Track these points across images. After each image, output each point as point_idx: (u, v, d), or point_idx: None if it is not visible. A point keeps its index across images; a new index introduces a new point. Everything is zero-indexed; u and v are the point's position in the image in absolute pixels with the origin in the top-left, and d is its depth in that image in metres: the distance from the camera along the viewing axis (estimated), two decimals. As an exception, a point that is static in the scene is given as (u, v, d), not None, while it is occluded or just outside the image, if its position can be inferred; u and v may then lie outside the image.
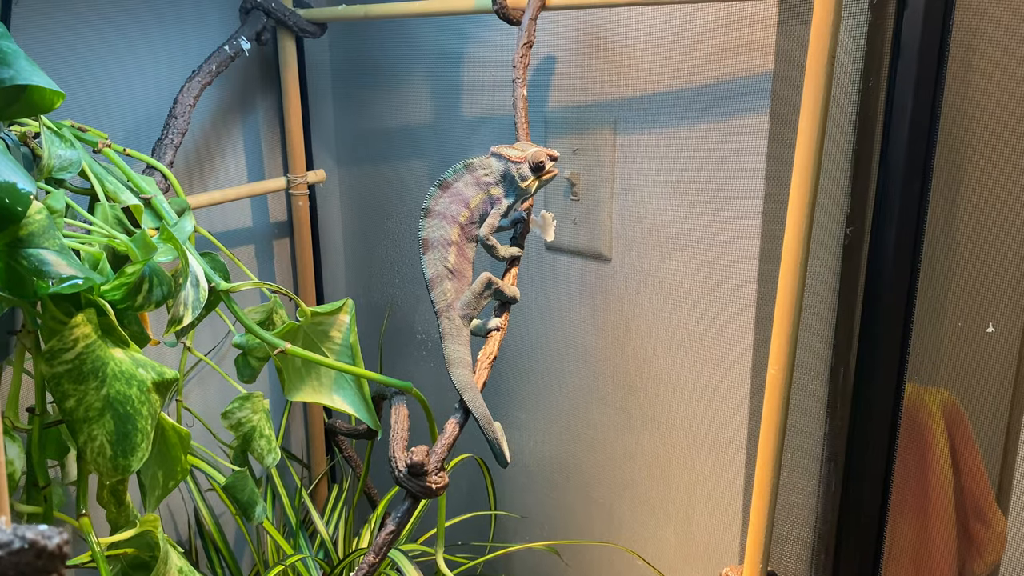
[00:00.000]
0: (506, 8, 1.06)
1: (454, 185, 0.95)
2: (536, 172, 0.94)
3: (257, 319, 1.04)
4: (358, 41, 1.45)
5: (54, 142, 0.79)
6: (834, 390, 1.15)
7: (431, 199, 0.95)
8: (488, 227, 0.95)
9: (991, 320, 1.14)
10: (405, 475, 0.81)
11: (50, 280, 0.64)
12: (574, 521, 1.35)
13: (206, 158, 1.34)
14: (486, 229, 0.95)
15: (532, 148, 0.95)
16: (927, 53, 0.96)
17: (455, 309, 0.94)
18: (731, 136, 1.04)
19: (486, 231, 0.95)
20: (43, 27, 1.10)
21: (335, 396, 0.93)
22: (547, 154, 0.95)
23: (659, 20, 1.07)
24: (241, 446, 1.04)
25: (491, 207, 0.96)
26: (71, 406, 0.68)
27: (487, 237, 0.95)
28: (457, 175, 0.95)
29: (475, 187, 0.95)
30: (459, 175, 0.95)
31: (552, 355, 1.31)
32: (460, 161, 0.95)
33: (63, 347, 0.67)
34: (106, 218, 0.82)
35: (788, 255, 0.91)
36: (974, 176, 1.12)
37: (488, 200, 0.96)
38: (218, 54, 1.21)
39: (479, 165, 0.95)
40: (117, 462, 0.71)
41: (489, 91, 1.29)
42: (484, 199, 0.95)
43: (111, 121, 1.19)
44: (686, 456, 1.18)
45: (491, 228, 0.95)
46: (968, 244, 1.15)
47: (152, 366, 0.73)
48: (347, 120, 1.51)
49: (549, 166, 0.95)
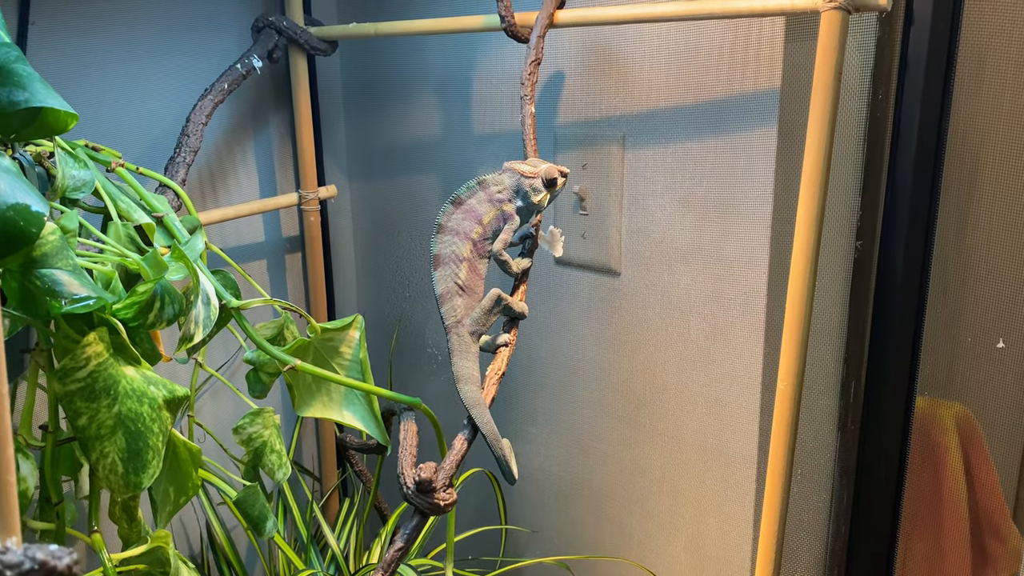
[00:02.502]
0: (514, 26, 1.07)
1: (467, 202, 0.95)
2: (549, 187, 0.96)
3: (268, 335, 1.05)
4: (369, 58, 1.46)
5: (68, 162, 0.80)
6: (845, 404, 1.14)
7: (444, 215, 0.95)
8: (501, 243, 0.96)
9: (1003, 335, 1.14)
10: (413, 492, 0.82)
11: (63, 300, 0.65)
12: (585, 536, 1.35)
13: (219, 174, 1.36)
14: (499, 244, 0.96)
15: (544, 164, 0.97)
16: (934, 68, 0.96)
17: (464, 325, 0.94)
18: (739, 151, 1.04)
19: (499, 246, 0.96)
20: (58, 47, 1.12)
21: (345, 412, 0.93)
22: (558, 170, 0.96)
23: (667, 36, 1.08)
24: (252, 461, 1.04)
25: (504, 223, 0.96)
26: (83, 423, 0.69)
27: (500, 252, 0.96)
28: (470, 192, 0.96)
29: (488, 204, 0.96)
30: (472, 192, 0.96)
31: (562, 369, 1.31)
32: (473, 178, 0.96)
33: (76, 365, 0.68)
34: (119, 237, 0.83)
35: (796, 269, 0.91)
36: (986, 190, 1.12)
37: (501, 216, 0.96)
38: (230, 72, 1.22)
39: (492, 182, 0.96)
40: (129, 479, 0.72)
41: (499, 107, 1.30)
42: (497, 215, 0.96)
43: (125, 140, 1.21)
44: (696, 471, 1.18)
45: (504, 244, 0.96)
46: (980, 257, 1.14)
47: (163, 384, 0.74)
48: (359, 136, 1.53)
49: (561, 181, 0.96)
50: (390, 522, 1.32)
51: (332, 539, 1.32)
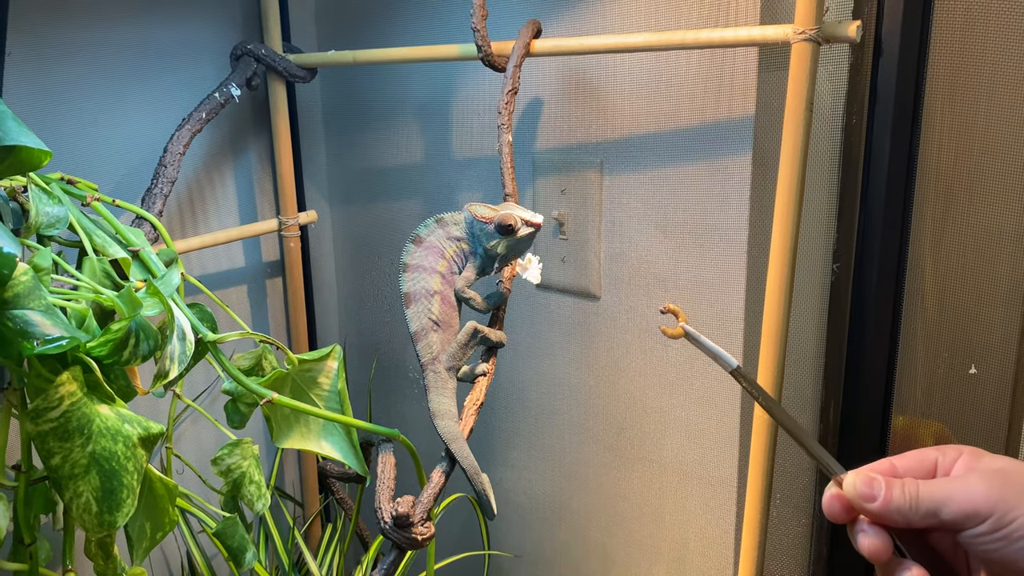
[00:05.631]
0: (491, 55, 1.07)
1: (427, 239, 0.95)
2: (504, 233, 0.91)
3: (246, 365, 1.04)
4: (349, 85, 1.47)
5: (42, 199, 0.80)
6: (824, 426, 1.15)
7: (407, 254, 0.95)
8: (464, 280, 0.95)
9: (975, 360, 1.15)
10: (391, 527, 0.81)
11: (35, 341, 0.65)
12: (568, 560, 1.35)
13: (199, 201, 1.35)
14: (461, 283, 0.95)
15: (508, 210, 0.92)
16: (903, 95, 0.97)
17: (441, 362, 0.94)
18: (715, 177, 1.05)
19: (461, 284, 0.95)
20: (33, 78, 1.12)
21: (323, 443, 0.93)
22: (522, 219, 0.91)
23: (643, 65, 1.09)
24: (231, 492, 1.04)
25: (465, 260, 0.96)
26: (57, 463, 0.69)
27: (463, 291, 0.95)
28: (428, 230, 0.96)
29: (447, 240, 0.96)
30: (430, 230, 0.96)
31: (543, 393, 1.32)
32: (431, 217, 0.96)
33: (48, 406, 0.67)
34: (94, 272, 0.83)
35: (773, 293, 0.92)
36: (959, 212, 1.13)
37: (461, 253, 0.96)
38: (208, 101, 1.22)
39: (450, 220, 0.96)
40: (103, 518, 0.71)
41: (478, 133, 1.31)
42: (457, 251, 0.96)
43: (102, 169, 1.20)
44: (677, 495, 1.18)
45: (467, 281, 0.95)
46: (956, 278, 1.16)
47: (138, 421, 0.74)
48: (339, 162, 1.53)
49: (523, 231, 0.91)
50: (372, 549, 1.31)
51: (314, 566, 1.31)
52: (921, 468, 0.60)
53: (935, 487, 0.57)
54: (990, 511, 0.54)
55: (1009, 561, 0.54)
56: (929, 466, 0.60)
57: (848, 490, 0.60)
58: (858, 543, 0.60)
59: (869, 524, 0.59)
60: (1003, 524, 0.54)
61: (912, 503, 0.57)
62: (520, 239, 0.92)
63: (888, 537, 0.59)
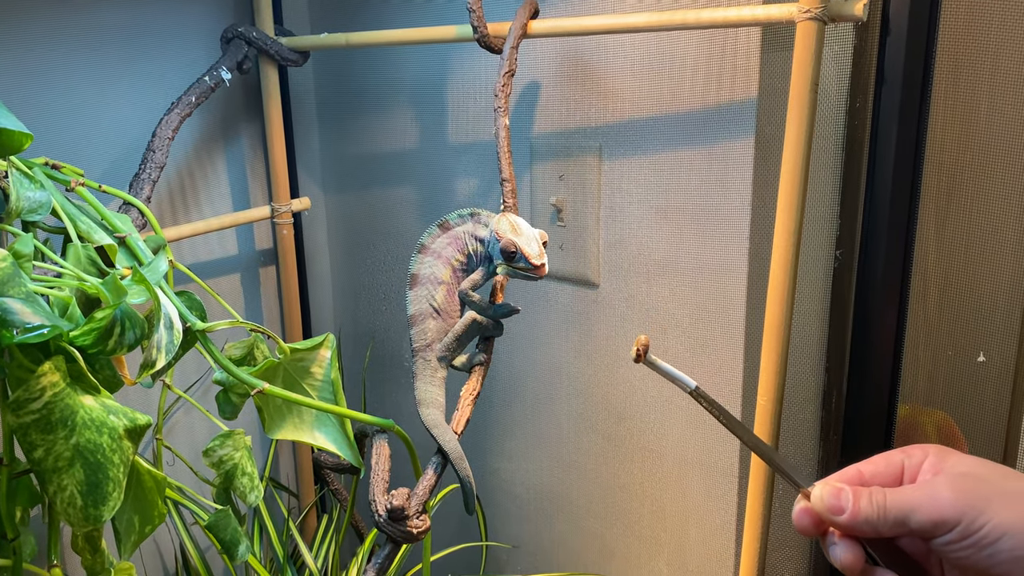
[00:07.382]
0: (487, 37, 1.05)
1: (454, 229, 0.93)
2: (505, 259, 0.87)
3: (238, 355, 1.02)
4: (342, 68, 1.44)
5: (23, 184, 0.78)
6: (827, 415, 1.13)
7: (429, 237, 0.93)
8: (470, 282, 0.92)
9: (983, 348, 1.13)
10: (385, 520, 0.79)
11: (15, 329, 0.62)
12: (566, 551, 1.33)
13: (190, 188, 1.33)
14: (467, 284, 0.92)
15: (523, 239, 0.86)
16: (911, 77, 0.95)
17: (433, 350, 0.92)
18: (717, 161, 1.03)
19: (467, 285, 0.92)
20: (18, 60, 1.09)
21: (317, 433, 0.91)
22: (527, 253, 0.85)
23: (643, 47, 1.06)
24: (223, 484, 1.02)
25: (479, 263, 0.93)
26: (39, 456, 0.67)
27: (467, 292, 0.92)
28: (461, 219, 0.93)
29: (471, 237, 0.93)
30: (463, 220, 0.93)
31: (541, 382, 1.30)
32: (469, 208, 0.93)
33: (30, 397, 0.65)
34: (78, 259, 0.80)
35: (776, 279, 0.90)
36: (964, 197, 1.11)
37: (477, 255, 0.93)
38: (198, 85, 1.19)
39: (483, 219, 0.93)
40: (88, 512, 0.69)
41: (474, 117, 1.28)
42: (475, 251, 0.93)
43: (89, 154, 1.18)
44: (677, 485, 1.16)
45: (473, 284, 0.92)
46: (960, 265, 1.14)
47: (124, 412, 0.71)
48: (332, 147, 1.50)
49: (520, 266, 0.87)
50: (367, 540, 1.30)
51: (309, 558, 1.29)
52: (888, 472, 0.59)
53: (902, 496, 0.56)
54: (958, 519, 0.53)
55: (981, 568, 0.53)
56: (896, 470, 0.59)
57: (816, 503, 0.59)
58: (831, 556, 0.59)
59: (840, 537, 0.58)
60: (971, 532, 0.53)
61: (880, 513, 0.56)
62: (515, 271, 0.88)
63: (860, 548, 0.58)
